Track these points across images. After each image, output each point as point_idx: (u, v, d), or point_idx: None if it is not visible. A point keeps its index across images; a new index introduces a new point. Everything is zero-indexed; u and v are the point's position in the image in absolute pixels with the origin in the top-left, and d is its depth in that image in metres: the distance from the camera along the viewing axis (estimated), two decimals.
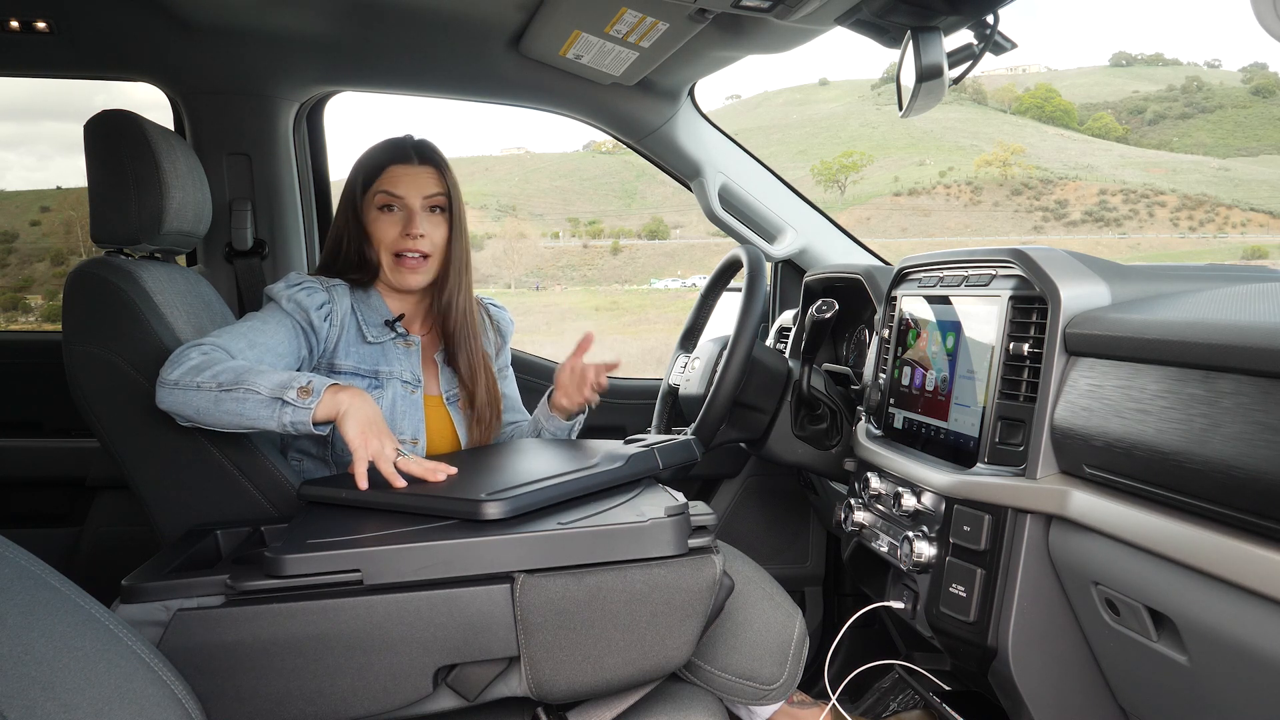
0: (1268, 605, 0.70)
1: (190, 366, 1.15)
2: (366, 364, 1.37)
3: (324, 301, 1.35)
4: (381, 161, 1.40)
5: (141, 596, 0.95)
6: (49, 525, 1.96)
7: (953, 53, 1.28)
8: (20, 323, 51.08)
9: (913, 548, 1.16)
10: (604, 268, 75.57)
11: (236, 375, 1.14)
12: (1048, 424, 0.99)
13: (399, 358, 1.40)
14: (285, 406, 1.12)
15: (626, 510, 1.02)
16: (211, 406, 1.13)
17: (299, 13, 1.71)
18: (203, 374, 1.14)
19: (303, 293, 1.34)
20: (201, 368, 1.15)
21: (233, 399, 1.12)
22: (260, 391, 1.12)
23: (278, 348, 1.28)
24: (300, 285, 1.36)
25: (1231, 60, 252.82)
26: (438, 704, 0.98)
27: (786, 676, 1.26)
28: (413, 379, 1.40)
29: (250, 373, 1.14)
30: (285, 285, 1.36)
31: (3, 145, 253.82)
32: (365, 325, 1.39)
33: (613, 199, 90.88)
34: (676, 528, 0.99)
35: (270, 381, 1.13)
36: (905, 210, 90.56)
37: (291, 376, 1.15)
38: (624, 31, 1.57)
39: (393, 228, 1.39)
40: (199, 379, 1.13)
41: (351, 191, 1.41)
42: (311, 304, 1.34)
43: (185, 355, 1.17)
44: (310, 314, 1.33)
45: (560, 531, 0.96)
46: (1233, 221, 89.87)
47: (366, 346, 1.39)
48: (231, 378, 1.13)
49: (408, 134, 1.46)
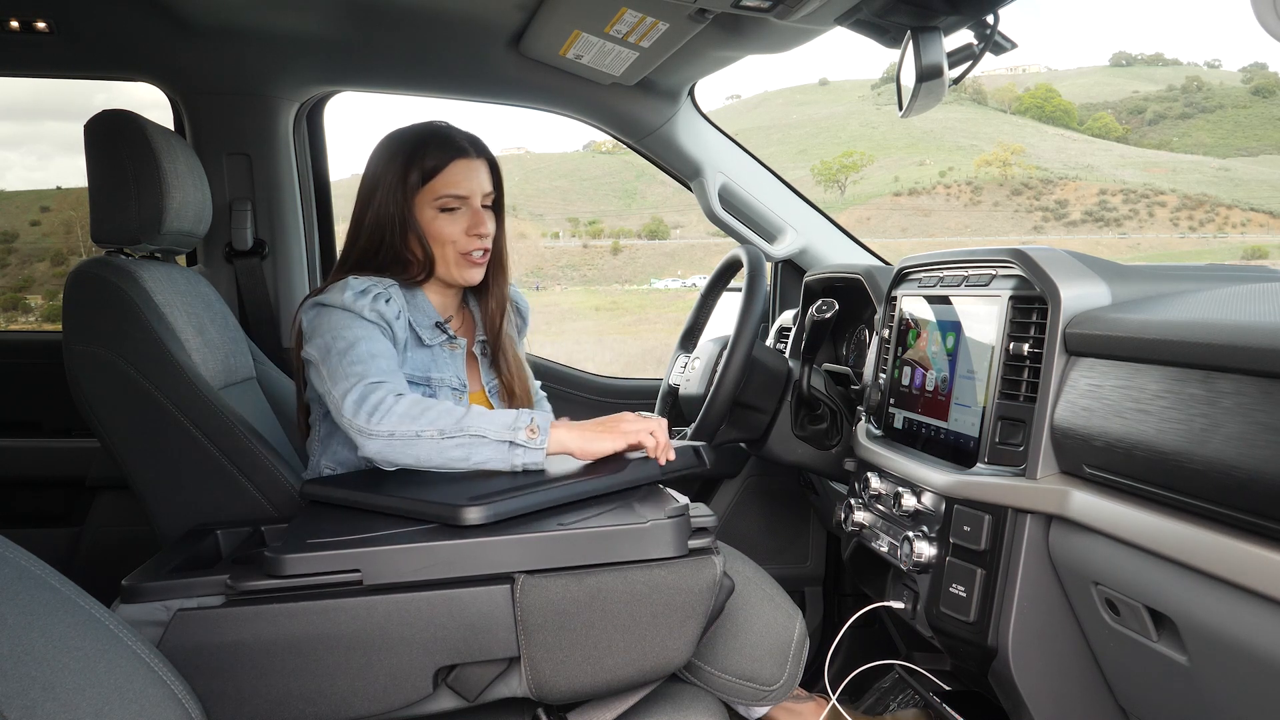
0: (1268, 605, 0.70)
1: (400, 414, 1.12)
2: (419, 371, 1.32)
3: (400, 310, 1.29)
4: (439, 160, 1.32)
5: (141, 596, 0.95)
6: (49, 525, 1.96)
7: (953, 53, 1.28)
8: (20, 323, 51.09)
9: (913, 548, 1.16)
10: (604, 268, 75.57)
11: (455, 421, 1.12)
12: (1048, 424, 0.99)
13: (446, 362, 1.35)
14: (515, 448, 1.11)
15: (626, 512, 1.02)
16: (435, 454, 1.12)
17: (299, 13, 1.71)
18: (418, 421, 1.12)
19: (380, 302, 1.26)
20: (413, 415, 1.12)
21: (457, 445, 1.11)
22: (487, 435, 1.12)
23: (396, 362, 1.25)
24: (373, 294, 1.26)
25: (1231, 60, 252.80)
26: (438, 704, 0.98)
27: (786, 677, 1.25)
28: (459, 384, 1.35)
29: (467, 416, 1.13)
30: (356, 296, 1.24)
31: (3, 145, 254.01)
32: (418, 327, 1.33)
33: (613, 199, 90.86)
34: (677, 529, 0.99)
35: (494, 424, 1.12)
36: (905, 210, 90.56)
37: (514, 416, 1.14)
38: (624, 31, 1.57)
39: (457, 226, 1.33)
40: (417, 428, 1.11)
41: (398, 186, 1.31)
42: (388, 312, 1.26)
43: (382, 401, 1.13)
44: (393, 324, 1.27)
45: (560, 533, 0.96)
46: (1233, 221, 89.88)
47: (420, 350, 1.33)
48: (451, 423, 1.12)
49: (443, 121, 1.38)
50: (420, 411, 1.13)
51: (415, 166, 1.31)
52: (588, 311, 47.27)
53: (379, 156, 1.34)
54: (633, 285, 67.59)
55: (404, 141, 1.34)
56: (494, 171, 1.39)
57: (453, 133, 1.36)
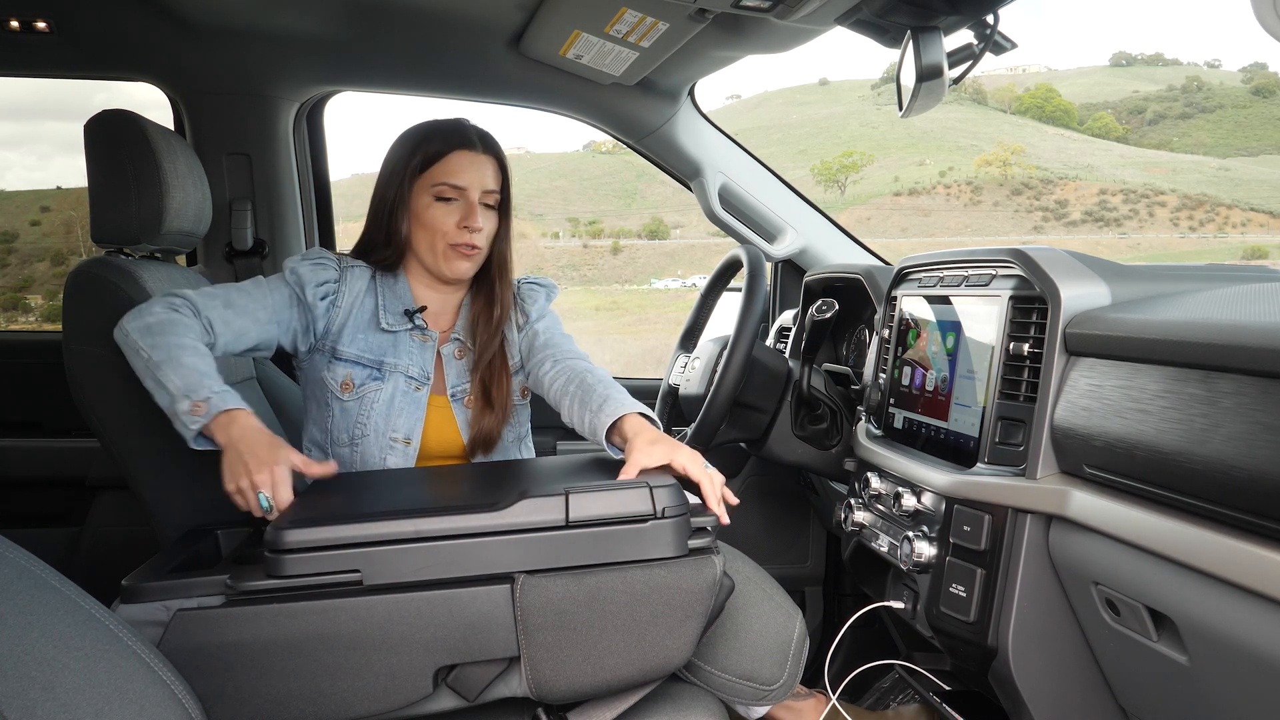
0: (1268, 605, 0.70)
1: (145, 324, 1.15)
2: (372, 353, 1.34)
3: (326, 280, 1.32)
4: (442, 147, 1.33)
5: (141, 596, 0.95)
6: (49, 525, 1.96)
7: (953, 53, 1.28)
8: (20, 323, 51.11)
9: (913, 548, 1.16)
10: (604, 268, 75.58)
11: (165, 356, 1.12)
12: (1048, 424, 0.99)
13: (410, 351, 1.36)
14: (176, 415, 1.10)
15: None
16: (143, 374, 1.13)
17: (299, 13, 1.71)
18: (147, 338, 1.13)
19: (308, 265, 1.32)
20: (153, 329, 1.14)
21: (153, 380, 1.12)
22: (168, 387, 1.10)
23: (258, 313, 1.27)
24: (312, 260, 1.33)
25: (1231, 60, 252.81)
26: (438, 704, 0.98)
27: (786, 677, 1.25)
28: (420, 375, 1.35)
29: (173, 361, 1.11)
30: (300, 256, 1.34)
31: (3, 145, 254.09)
32: (384, 311, 1.35)
33: (613, 199, 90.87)
34: (677, 529, 0.99)
35: (181, 380, 1.10)
36: (905, 210, 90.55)
37: (199, 383, 1.11)
38: (624, 31, 1.57)
39: (449, 218, 1.33)
40: (143, 341, 1.13)
41: (400, 169, 1.34)
42: (311, 279, 1.31)
43: (150, 308, 1.17)
44: (306, 289, 1.31)
45: (562, 532, 0.96)
46: (1233, 221, 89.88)
47: (378, 334, 1.35)
48: (161, 357, 1.12)
49: (463, 118, 1.39)
50: (159, 332, 1.14)
51: (420, 151, 1.34)
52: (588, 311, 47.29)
53: (395, 143, 1.38)
54: (633, 285, 67.61)
55: (418, 129, 1.37)
56: (502, 171, 1.39)
57: (464, 125, 1.37)
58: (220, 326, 1.23)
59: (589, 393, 1.28)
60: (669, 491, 1.01)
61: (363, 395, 1.33)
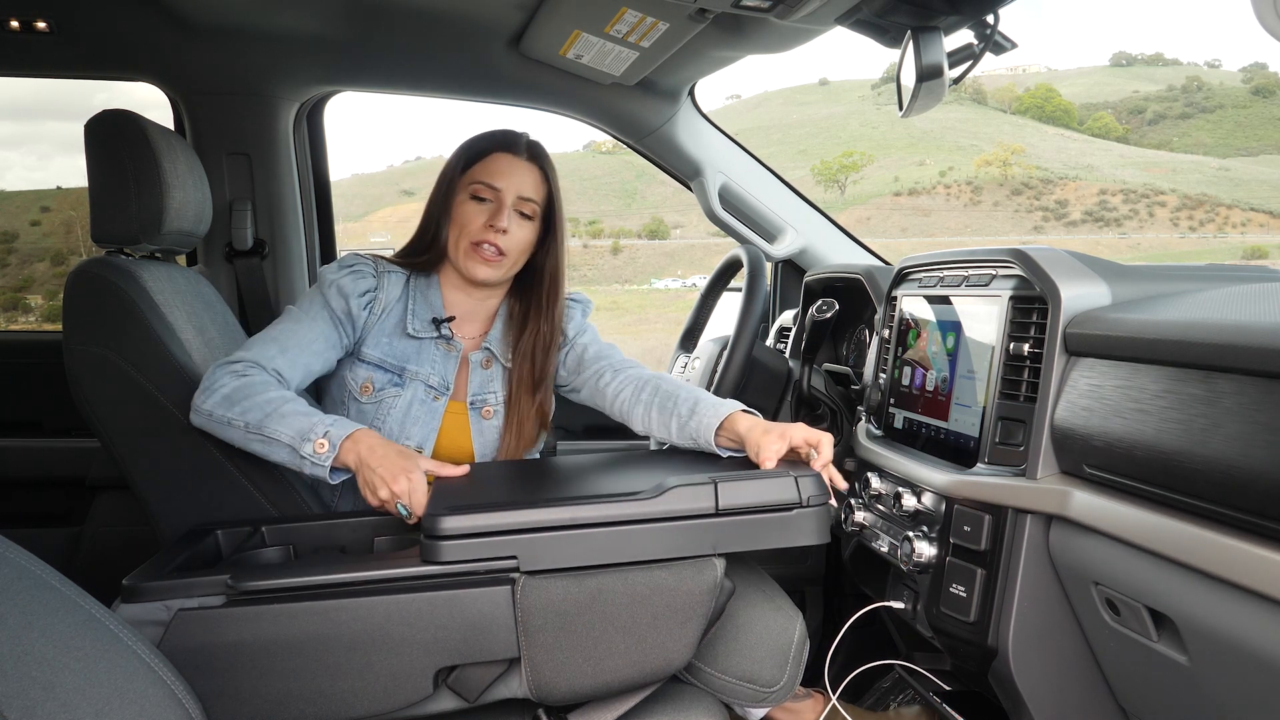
0: (1268, 605, 0.70)
1: (222, 396, 1.15)
2: (394, 358, 1.34)
3: (369, 289, 1.33)
4: (485, 147, 1.36)
5: (142, 596, 0.95)
6: (49, 525, 1.96)
7: (953, 53, 1.27)
8: (20, 323, 51.11)
9: (913, 548, 1.16)
10: (604, 267, 75.61)
11: (263, 415, 1.13)
12: (1048, 424, 0.99)
13: (434, 359, 1.36)
14: (303, 460, 1.13)
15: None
16: (244, 443, 1.16)
17: (299, 13, 1.71)
18: (234, 407, 1.14)
19: (349, 276, 1.32)
20: (233, 399, 1.15)
21: (260, 442, 1.14)
22: (282, 440, 1.13)
23: (313, 345, 1.28)
24: (351, 268, 1.33)
25: (1231, 60, 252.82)
26: (438, 705, 0.98)
27: (786, 679, 1.25)
28: (440, 385, 1.35)
29: (274, 415, 1.14)
30: (338, 266, 1.33)
31: (3, 145, 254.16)
32: (412, 316, 1.35)
33: (613, 199, 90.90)
34: (819, 517, 1.04)
35: (290, 429, 1.13)
36: (905, 210, 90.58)
37: (311, 424, 1.13)
38: (624, 31, 1.57)
39: (478, 216, 1.33)
40: (230, 414, 1.14)
41: (450, 173, 1.37)
42: (354, 290, 1.31)
43: (217, 381, 1.17)
44: (350, 301, 1.31)
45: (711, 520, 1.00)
46: (1233, 221, 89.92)
47: (403, 340, 1.35)
48: (258, 418, 1.13)
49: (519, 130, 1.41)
50: (242, 397, 1.15)
51: (466, 152, 1.37)
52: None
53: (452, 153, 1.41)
54: (633, 285, 67.63)
55: (473, 136, 1.40)
56: (547, 184, 1.39)
57: (514, 132, 1.39)
58: (288, 372, 1.24)
59: (670, 399, 1.30)
60: (812, 481, 1.04)
61: (380, 400, 1.33)
